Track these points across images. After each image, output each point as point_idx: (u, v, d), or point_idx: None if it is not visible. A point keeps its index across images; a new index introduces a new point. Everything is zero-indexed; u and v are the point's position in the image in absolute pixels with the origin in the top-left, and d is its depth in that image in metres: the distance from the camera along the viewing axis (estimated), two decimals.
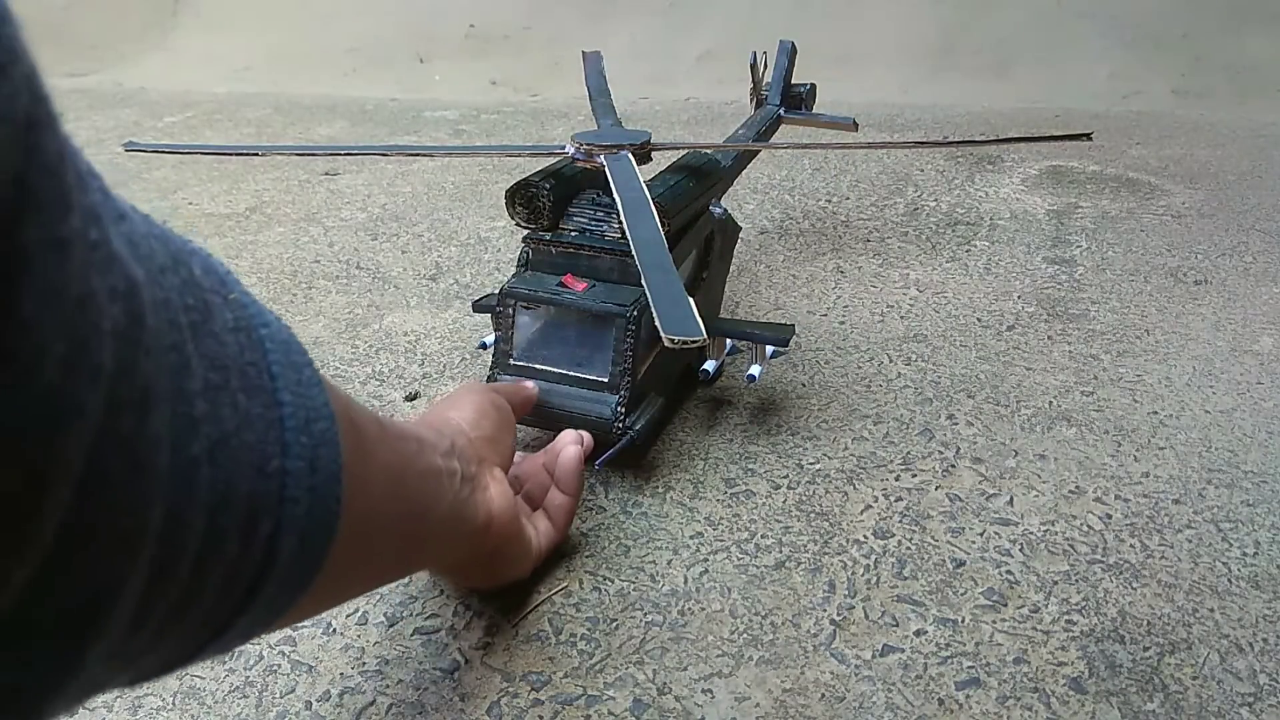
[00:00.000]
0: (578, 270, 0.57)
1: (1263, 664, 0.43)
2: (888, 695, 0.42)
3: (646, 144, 0.61)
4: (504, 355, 0.57)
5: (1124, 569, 0.50)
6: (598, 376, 0.54)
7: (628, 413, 0.54)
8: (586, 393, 0.55)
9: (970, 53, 1.96)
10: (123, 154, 1.46)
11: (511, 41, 2.23)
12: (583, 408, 0.54)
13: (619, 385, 0.54)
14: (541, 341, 0.57)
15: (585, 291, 0.56)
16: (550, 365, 0.56)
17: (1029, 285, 0.89)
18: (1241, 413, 0.65)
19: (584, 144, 0.59)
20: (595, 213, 0.59)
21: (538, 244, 0.59)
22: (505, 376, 0.56)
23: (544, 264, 0.59)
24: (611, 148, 0.59)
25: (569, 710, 0.41)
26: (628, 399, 0.54)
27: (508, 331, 0.56)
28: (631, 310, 0.54)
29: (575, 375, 0.55)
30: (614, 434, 0.53)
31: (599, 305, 0.55)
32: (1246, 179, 1.22)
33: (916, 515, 0.54)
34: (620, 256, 0.56)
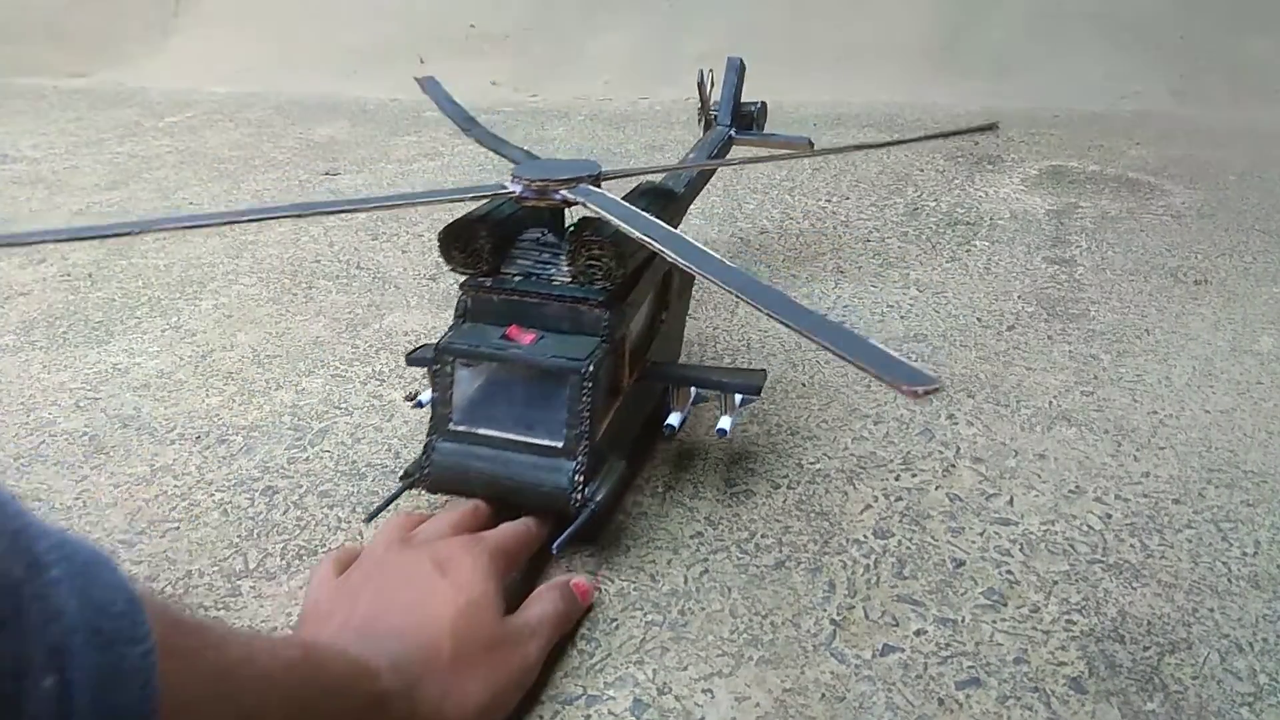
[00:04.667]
0: (524, 320, 0.51)
1: (1263, 664, 0.43)
2: (888, 695, 0.42)
3: (600, 174, 0.54)
4: (443, 419, 0.50)
5: (1124, 569, 0.50)
6: (551, 441, 0.48)
7: (587, 481, 0.48)
8: (539, 460, 0.48)
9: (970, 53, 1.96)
10: (122, 154, 1.47)
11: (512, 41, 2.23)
12: (535, 478, 0.48)
13: (576, 450, 0.48)
14: (486, 402, 0.51)
15: (533, 344, 0.49)
16: (496, 430, 0.49)
17: (1029, 285, 0.89)
18: (1241, 412, 0.65)
19: (532, 180, 0.51)
20: (541, 254, 0.52)
21: (477, 291, 0.52)
22: (444, 444, 0.50)
23: (485, 314, 0.52)
24: (569, 181, 0.51)
25: (569, 710, 0.41)
26: (586, 465, 0.48)
27: (446, 392, 0.50)
28: (587, 364, 0.47)
29: (525, 441, 0.49)
30: (572, 507, 0.47)
31: (549, 360, 0.48)
32: (1246, 179, 1.22)
33: (916, 515, 0.54)
34: (571, 303, 0.50)
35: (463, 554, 0.42)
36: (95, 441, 0.64)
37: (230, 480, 0.59)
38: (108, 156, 1.45)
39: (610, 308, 0.50)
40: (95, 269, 0.96)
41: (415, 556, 0.42)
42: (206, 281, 0.92)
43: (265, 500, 0.57)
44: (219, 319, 0.84)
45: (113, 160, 1.43)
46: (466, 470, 0.49)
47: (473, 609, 0.39)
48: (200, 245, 1.04)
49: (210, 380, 0.72)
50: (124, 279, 0.93)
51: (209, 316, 0.84)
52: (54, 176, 1.34)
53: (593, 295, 0.50)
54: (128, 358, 0.76)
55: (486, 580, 0.41)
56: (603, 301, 0.50)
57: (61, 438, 0.64)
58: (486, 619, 0.39)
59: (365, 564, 0.43)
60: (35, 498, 0.57)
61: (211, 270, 0.95)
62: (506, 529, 0.46)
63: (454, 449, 0.50)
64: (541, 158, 0.62)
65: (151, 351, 0.77)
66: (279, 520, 0.55)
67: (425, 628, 0.38)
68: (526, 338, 0.50)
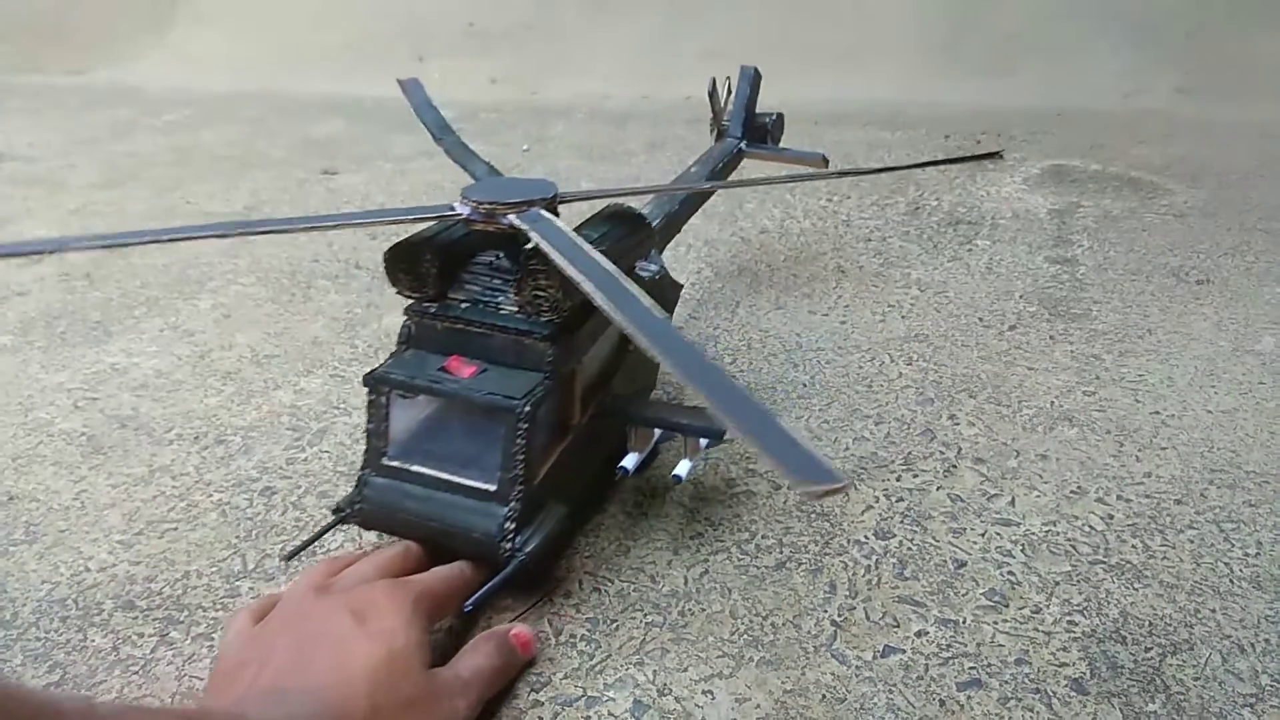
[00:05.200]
0: (467, 350, 0.47)
1: (1265, 665, 0.43)
2: (889, 696, 0.41)
3: (556, 197, 0.50)
4: (376, 452, 0.47)
5: (1126, 569, 0.49)
6: (483, 484, 0.45)
7: (519, 529, 0.44)
8: (470, 503, 0.45)
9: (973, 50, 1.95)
10: (119, 152, 1.46)
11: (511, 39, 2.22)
12: (464, 521, 0.45)
13: (509, 495, 0.44)
14: (421, 437, 0.48)
15: (472, 378, 0.46)
16: (429, 468, 0.46)
17: (1031, 285, 0.88)
18: (1244, 413, 0.65)
19: (480, 202, 0.48)
20: (492, 280, 0.49)
21: (421, 317, 0.49)
22: (377, 479, 0.47)
23: (429, 341, 0.49)
24: (519, 205, 0.47)
25: (569, 711, 0.41)
26: (519, 511, 0.44)
27: (380, 424, 0.47)
28: (524, 404, 0.44)
29: (457, 481, 0.45)
30: (501, 556, 0.44)
31: (484, 396, 0.45)
32: (1249, 178, 1.22)
33: (918, 515, 0.54)
34: (515, 336, 0.46)
35: (385, 601, 0.38)
36: (93, 442, 0.63)
37: (229, 481, 0.58)
38: (104, 154, 1.45)
39: (556, 342, 0.46)
40: (93, 269, 0.95)
41: (332, 605, 0.38)
42: (205, 281, 0.92)
43: (264, 501, 0.56)
44: (217, 319, 0.83)
45: (109, 158, 1.43)
46: (397, 509, 0.46)
47: (393, 662, 0.36)
48: (199, 245, 1.03)
49: (209, 380, 0.72)
50: (122, 279, 0.93)
51: (207, 316, 0.84)
52: (51, 175, 1.34)
53: (537, 328, 0.46)
54: (126, 358, 0.76)
55: (410, 629, 0.37)
56: (548, 335, 0.46)
57: (59, 438, 0.64)
58: (408, 673, 0.36)
59: (280, 614, 0.40)
60: (33, 498, 0.57)
61: (210, 270, 0.95)
62: (437, 573, 0.43)
63: (386, 485, 0.47)
64: (504, 175, 0.58)
65: (150, 351, 0.77)
66: (277, 521, 0.54)
67: (339, 686, 0.34)
68: (466, 371, 0.46)
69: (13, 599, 0.48)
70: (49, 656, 0.45)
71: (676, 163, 1.32)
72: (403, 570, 0.43)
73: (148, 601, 0.48)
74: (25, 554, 0.52)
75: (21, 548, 0.52)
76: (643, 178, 1.27)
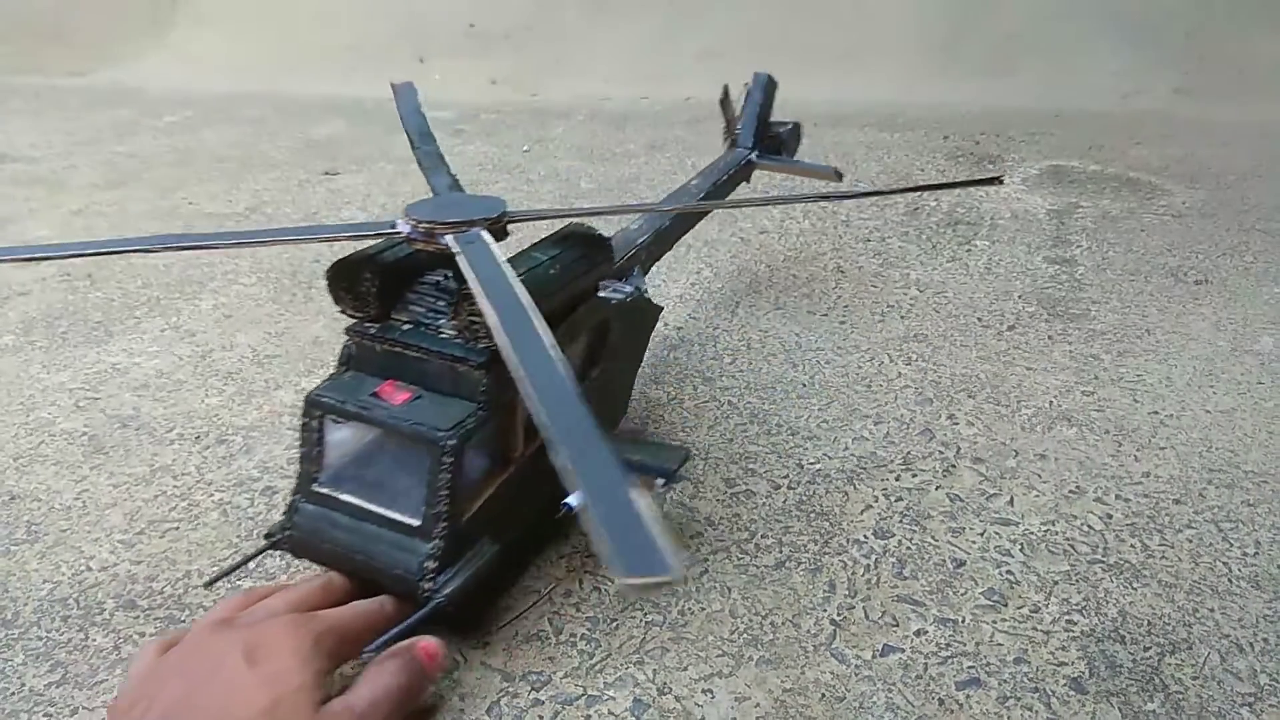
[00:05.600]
0: (405, 375, 0.45)
1: (1263, 664, 0.43)
2: (888, 695, 0.42)
3: (503, 216, 0.47)
4: (307, 478, 0.45)
5: (1124, 569, 0.50)
6: (408, 518, 0.43)
7: (440, 569, 0.42)
8: (394, 537, 0.43)
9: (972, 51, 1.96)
10: (121, 153, 1.46)
11: (511, 40, 2.22)
12: (386, 557, 0.42)
13: (432, 532, 0.42)
14: (353, 465, 0.45)
15: (403, 405, 0.43)
16: (358, 498, 0.44)
17: (1029, 285, 0.89)
18: (1242, 413, 0.65)
19: (420, 220, 0.45)
20: (437, 302, 0.46)
21: (361, 338, 0.46)
22: (307, 505, 0.45)
23: (368, 364, 0.46)
24: (458, 225, 0.45)
25: (569, 710, 0.41)
26: (442, 550, 0.42)
27: (313, 449, 0.45)
28: (450, 436, 0.41)
29: (382, 514, 0.43)
30: (420, 596, 0.42)
31: (410, 427, 0.42)
32: (1248, 179, 1.22)
33: (917, 515, 0.54)
34: (452, 361, 0.44)
35: (283, 639, 0.36)
36: (95, 441, 0.63)
37: (230, 480, 0.59)
38: (106, 155, 1.45)
39: (491, 370, 0.43)
40: (95, 269, 0.96)
41: (228, 643, 0.36)
42: (206, 281, 0.92)
43: (265, 500, 0.56)
44: (218, 319, 0.83)
45: (111, 159, 1.43)
46: (325, 538, 0.44)
47: (277, 709, 0.33)
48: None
49: (210, 380, 0.72)
50: (123, 279, 0.93)
51: (208, 316, 0.84)
52: (52, 176, 1.34)
53: (473, 355, 0.43)
54: (127, 358, 0.76)
55: (304, 670, 0.35)
56: (483, 363, 0.43)
57: (61, 438, 0.64)
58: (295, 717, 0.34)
59: (180, 649, 0.38)
60: (35, 498, 0.57)
61: (211, 270, 0.95)
62: (353, 608, 0.41)
63: (316, 513, 0.44)
64: (463, 192, 0.55)
65: (151, 351, 0.77)
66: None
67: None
68: (399, 397, 0.44)
69: (14, 598, 0.49)
70: (50, 656, 0.45)
71: (676, 163, 1.32)
72: (320, 605, 0.41)
73: (149, 601, 0.48)
74: (27, 553, 0.52)
75: (23, 547, 0.53)
76: (642, 178, 1.27)
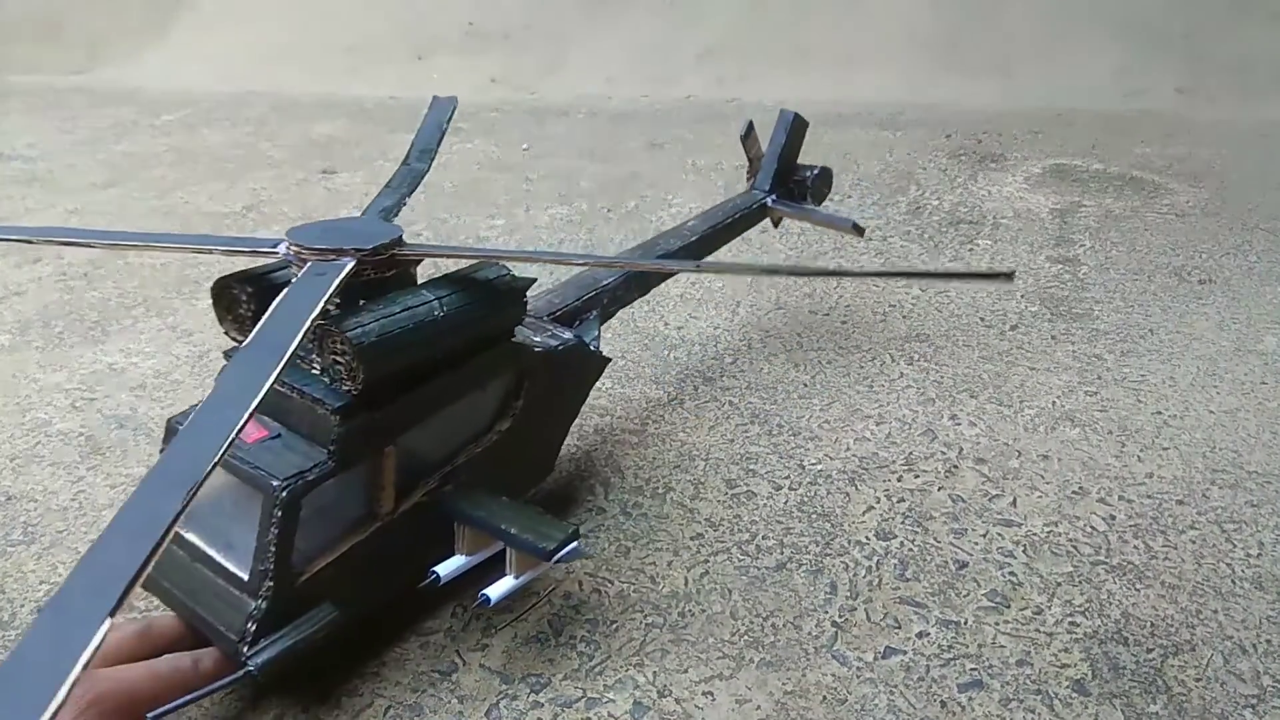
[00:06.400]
0: (270, 410, 0.41)
1: (1266, 666, 0.43)
2: (890, 697, 0.41)
3: (388, 249, 0.42)
4: None
5: (1127, 570, 0.49)
6: (238, 570, 0.39)
7: (261, 632, 0.38)
8: (223, 588, 0.39)
9: (973, 51, 1.95)
10: (119, 152, 1.46)
11: (511, 39, 2.22)
12: (214, 609, 0.38)
13: (258, 589, 0.38)
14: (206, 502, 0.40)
15: (254, 445, 0.40)
16: (199, 538, 0.40)
17: (1032, 284, 0.88)
18: (1246, 413, 0.65)
19: (295, 244, 0.41)
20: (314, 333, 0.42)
21: None
22: None
23: None
24: (326, 253, 0.41)
25: (568, 713, 0.41)
26: (264, 612, 0.38)
27: None
28: (283, 488, 0.37)
29: (217, 560, 0.40)
30: (238, 659, 0.37)
31: (249, 470, 0.38)
32: (1251, 178, 1.22)
33: (919, 516, 0.54)
34: (312, 402, 0.40)
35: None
36: (91, 442, 0.63)
37: None
38: (104, 155, 1.45)
39: (350, 416, 0.39)
40: (91, 268, 0.95)
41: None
42: (203, 280, 0.92)
43: None
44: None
45: (109, 158, 1.42)
46: (164, 574, 0.40)
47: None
48: None
49: (207, 380, 0.72)
50: (120, 278, 0.92)
51: (205, 316, 0.84)
52: (50, 175, 1.34)
53: (331, 398, 0.39)
54: (124, 357, 0.76)
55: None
56: (339, 407, 0.39)
57: (58, 438, 0.64)
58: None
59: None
60: (31, 498, 0.57)
61: (208, 269, 0.94)
62: (150, 666, 0.37)
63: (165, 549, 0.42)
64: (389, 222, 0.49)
65: (148, 351, 0.77)
66: None
67: None
68: (255, 434, 0.40)
69: (11, 599, 0.48)
70: None
71: (676, 162, 1.32)
72: (133, 654, 0.37)
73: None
74: (23, 554, 0.52)
75: (19, 548, 0.52)
76: (642, 177, 1.27)
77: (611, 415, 0.65)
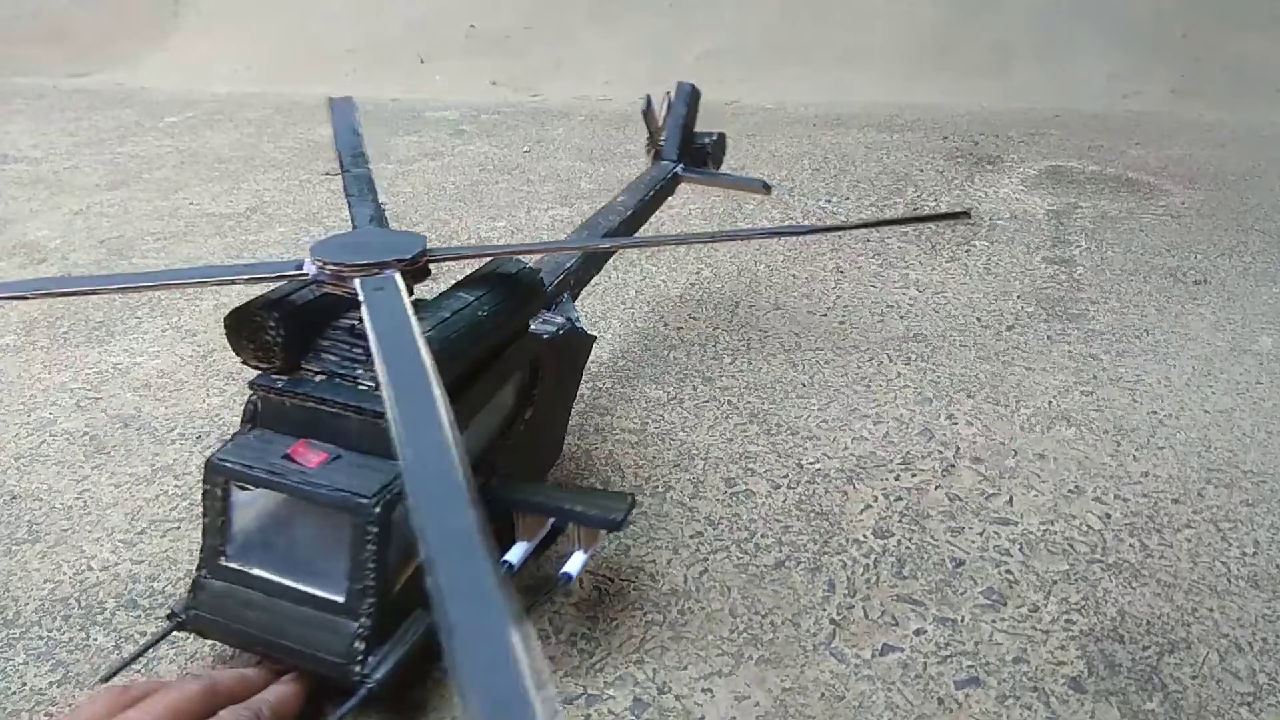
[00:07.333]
0: (320, 433, 0.41)
1: (1262, 663, 0.43)
2: (887, 694, 0.42)
3: (422, 255, 0.43)
4: (213, 552, 0.41)
5: (1123, 568, 0.50)
6: (330, 594, 0.39)
7: (370, 649, 0.38)
8: (317, 615, 0.39)
9: (970, 52, 1.96)
10: (123, 154, 1.47)
11: (512, 41, 2.23)
12: (311, 638, 0.38)
13: (359, 608, 0.38)
14: (264, 535, 0.41)
15: (319, 468, 0.39)
16: (271, 572, 0.40)
17: (1028, 285, 0.89)
18: (1241, 412, 0.65)
19: (327, 262, 0.41)
20: (352, 349, 0.42)
21: (267, 392, 0.42)
22: (213, 582, 0.41)
23: (277, 421, 0.42)
24: (369, 267, 0.41)
25: (569, 709, 0.41)
26: (371, 628, 0.38)
27: (218, 519, 0.41)
28: (375, 503, 0.38)
29: (301, 590, 0.39)
30: (351, 679, 0.38)
31: (330, 493, 0.38)
32: (1246, 179, 1.22)
33: (916, 515, 0.54)
34: (373, 418, 0.39)
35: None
36: (96, 441, 0.64)
37: None
38: (108, 156, 1.45)
39: None
40: (96, 269, 0.96)
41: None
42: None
43: None
44: (220, 319, 0.83)
45: (113, 160, 1.43)
46: (236, 618, 0.40)
47: None
48: (201, 245, 1.04)
49: (211, 380, 0.72)
50: None
51: (209, 316, 0.84)
52: (54, 176, 1.34)
53: None
54: (128, 357, 0.76)
55: None
56: None
57: (62, 437, 0.64)
58: None
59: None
60: (36, 497, 0.57)
61: None
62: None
63: (224, 590, 0.40)
64: (383, 226, 0.50)
65: (152, 351, 0.77)
66: None
67: None
68: (314, 459, 0.39)
69: (15, 598, 0.49)
70: (51, 655, 0.45)
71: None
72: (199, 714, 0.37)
73: (150, 600, 0.48)
74: (28, 553, 0.52)
75: (24, 547, 0.53)
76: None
77: (611, 415, 0.65)
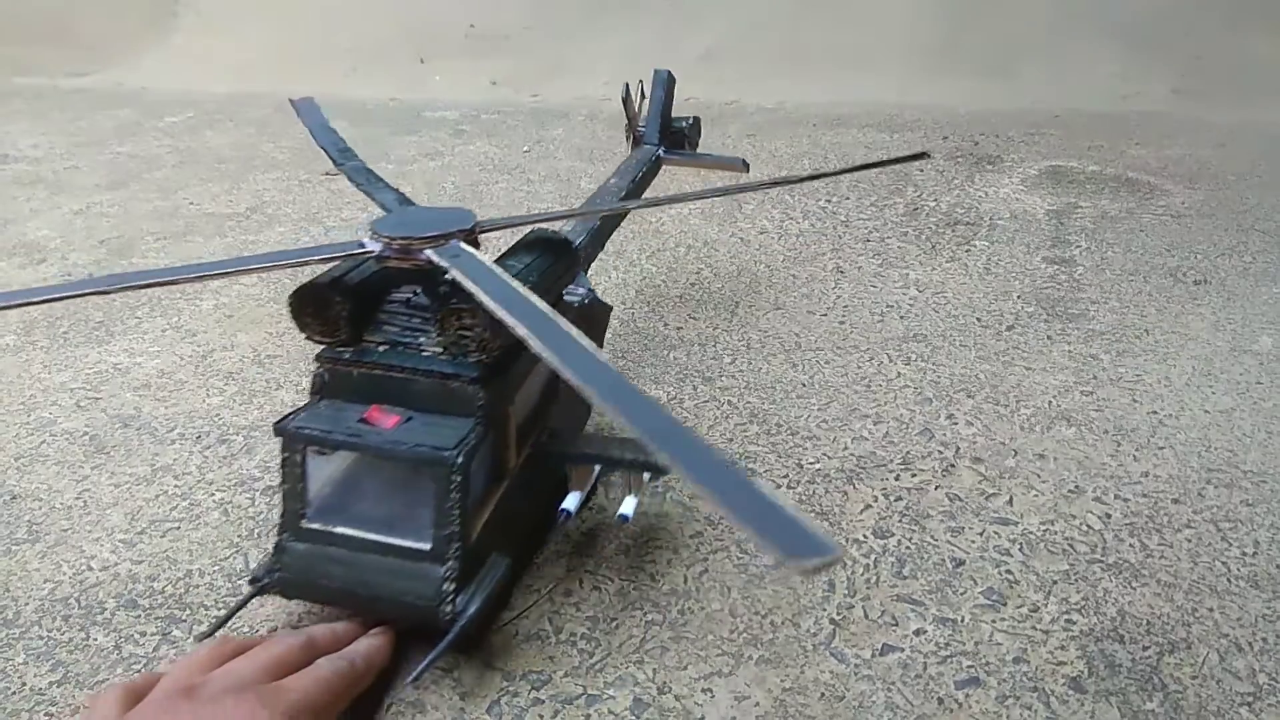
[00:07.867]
0: (388, 398, 0.44)
1: (1262, 663, 0.43)
2: (887, 694, 0.42)
3: (476, 227, 0.46)
4: (294, 516, 0.43)
5: (1123, 568, 0.50)
6: (417, 543, 0.42)
7: (459, 589, 0.41)
8: (403, 565, 0.42)
9: (971, 52, 1.96)
10: (123, 154, 1.47)
11: (512, 41, 2.23)
12: (399, 587, 0.41)
13: (445, 553, 0.41)
14: (344, 496, 0.44)
15: (396, 429, 0.42)
16: (355, 529, 0.43)
17: (1028, 285, 0.89)
18: (1241, 412, 0.65)
19: (392, 237, 0.44)
20: (411, 319, 0.45)
21: (335, 364, 0.45)
22: (296, 544, 0.43)
23: (344, 390, 0.45)
24: (436, 239, 0.44)
25: (569, 709, 0.41)
26: (459, 570, 0.41)
27: (297, 484, 0.43)
28: (457, 454, 0.41)
29: (387, 542, 0.42)
30: (442, 620, 0.41)
31: (412, 449, 0.41)
32: (1246, 179, 1.22)
33: (916, 515, 0.54)
34: (441, 379, 0.43)
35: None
36: (96, 441, 0.64)
37: (231, 480, 0.59)
38: (108, 156, 1.45)
39: (487, 384, 0.43)
40: (95, 269, 0.96)
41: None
42: (207, 281, 0.92)
43: (266, 500, 0.57)
44: (219, 319, 0.84)
45: (113, 160, 1.43)
46: (321, 576, 0.43)
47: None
48: (201, 245, 1.04)
49: (211, 380, 0.72)
50: None
51: (209, 316, 0.84)
52: (54, 176, 1.34)
53: (465, 370, 0.42)
54: (128, 357, 0.76)
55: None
56: (477, 377, 0.42)
57: (62, 437, 0.64)
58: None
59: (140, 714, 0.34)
60: (36, 497, 0.57)
61: None
62: (320, 675, 0.37)
63: (307, 550, 0.43)
64: (415, 205, 0.54)
65: (152, 351, 0.77)
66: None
67: None
68: (389, 421, 0.42)
69: (15, 598, 0.49)
70: (51, 655, 0.45)
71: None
72: (299, 665, 0.38)
73: (150, 600, 0.48)
74: (28, 553, 0.52)
75: (24, 547, 0.53)
76: None
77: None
